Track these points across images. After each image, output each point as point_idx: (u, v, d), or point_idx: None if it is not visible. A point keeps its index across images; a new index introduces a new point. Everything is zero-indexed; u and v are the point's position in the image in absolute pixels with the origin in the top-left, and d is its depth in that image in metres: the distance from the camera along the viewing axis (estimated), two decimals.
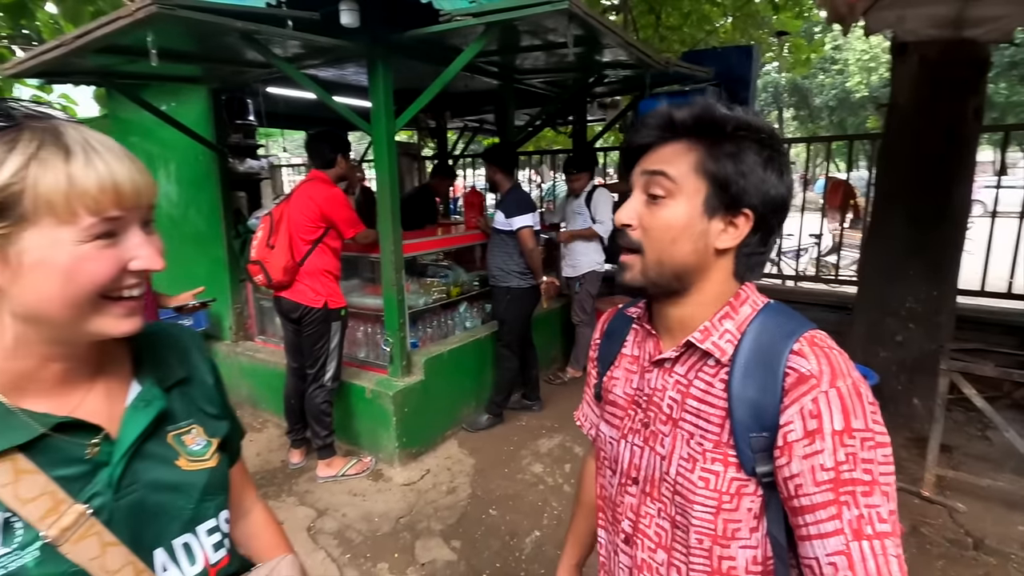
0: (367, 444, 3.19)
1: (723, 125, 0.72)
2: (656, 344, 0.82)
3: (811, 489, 0.65)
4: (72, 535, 0.57)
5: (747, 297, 0.77)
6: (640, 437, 0.81)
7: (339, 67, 3.54)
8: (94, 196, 0.54)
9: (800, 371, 0.67)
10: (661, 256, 0.73)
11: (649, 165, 0.75)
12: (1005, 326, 3.91)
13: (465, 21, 2.39)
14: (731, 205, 0.72)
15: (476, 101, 5.08)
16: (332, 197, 2.86)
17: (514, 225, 3.37)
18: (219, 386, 0.79)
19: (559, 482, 3.00)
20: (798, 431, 0.65)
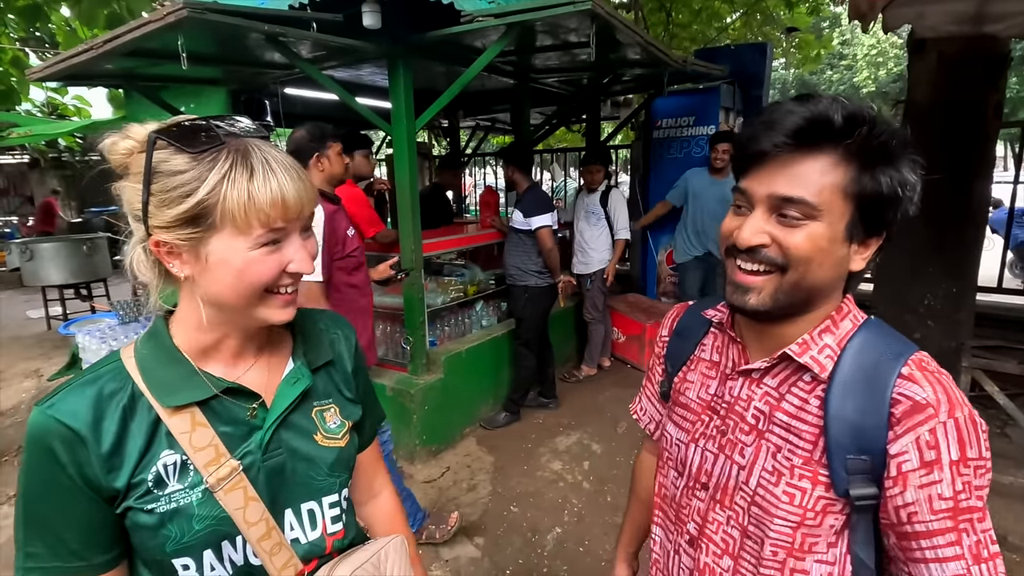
0: None
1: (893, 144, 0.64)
2: (741, 352, 0.79)
3: (927, 517, 0.64)
4: (225, 484, 0.67)
5: (848, 311, 0.73)
6: (714, 444, 0.79)
7: (356, 68, 3.57)
8: (266, 211, 0.64)
9: (915, 399, 0.64)
10: (803, 279, 0.67)
11: (782, 189, 0.65)
12: (1018, 321, 3.90)
13: (487, 22, 2.41)
14: (874, 229, 0.68)
15: (489, 100, 5.09)
16: (353, 196, 2.89)
17: (533, 224, 3.39)
18: (358, 374, 0.87)
19: (578, 479, 3.01)
20: (914, 461, 0.63)
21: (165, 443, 0.66)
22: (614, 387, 4.14)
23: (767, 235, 0.67)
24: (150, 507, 0.64)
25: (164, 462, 0.66)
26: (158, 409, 0.66)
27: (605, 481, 2.99)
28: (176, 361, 0.69)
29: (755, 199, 0.68)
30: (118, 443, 0.64)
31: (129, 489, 0.65)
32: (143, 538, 0.65)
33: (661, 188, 4.72)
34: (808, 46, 8.17)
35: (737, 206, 0.73)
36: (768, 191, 0.67)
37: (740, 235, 0.69)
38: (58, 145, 10.11)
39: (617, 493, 2.88)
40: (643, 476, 1.09)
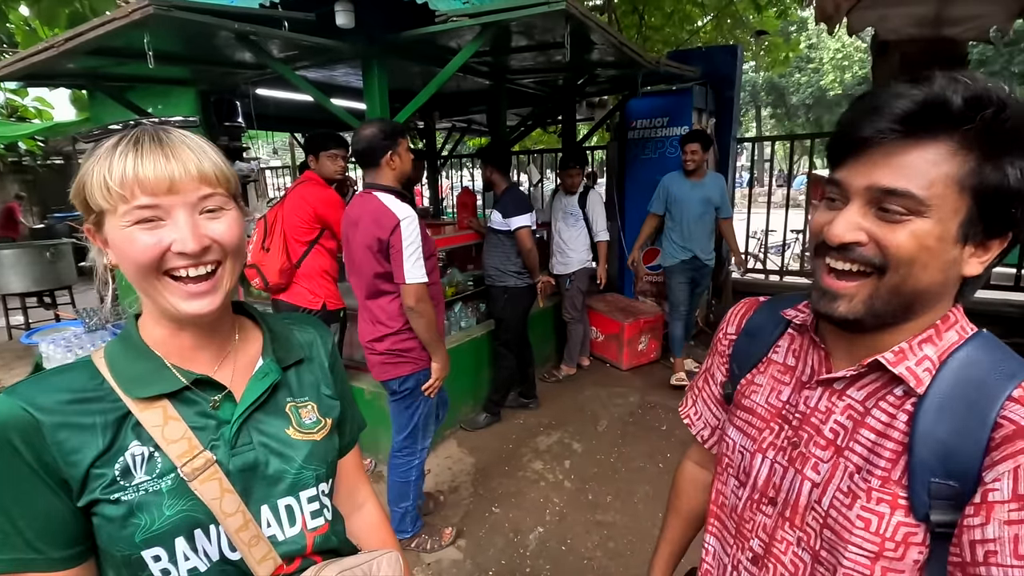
0: (367, 446, 3.18)
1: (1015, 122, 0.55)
2: (823, 360, 0.71)
3: (1008, 560, 0.53)
4: (200, 475, 0.67)
5: (955, 321, 0.64)
6: (784, 456, 0.72)
7: (329, 68, 3.53)
8: (116, 187, 0.63)
9: (1021, 423, 0.55)
10: (904, 284, 0.59)
11: (885, 180, 0.57)
12: (988, 316, 4.04)
13: (461, 22, 2.41)
14: (994, 230, 0.59)
15: (465, 101, 5.09)
16: (326, 198, 2.85)
17: (512, 225, 3.38)
18: (335, 373, 0.87)
19: (559, 478, 3.02)
20: (1005, 492, 0.54)
21: (133, 435, 0.66)
22: (594, 386, 4.17)
23: (863, 232, 0.60)
24: (116, 496, 0.64)
25: (132, 453, 0.66)
26: (128, 403, 0.66)
27: (586, 480, 3.00)
28: (145, 356, 0.70)
29: (852, 191, 0.60)
30: (81, 433, 0.64)
31: (91, 480, 0.64)
32: (111, 531, 0.64)
33: (636, 188, 4.77)
34: (777, 49, 8.35)
35: (830, 199, 0.64)
36: (868, 182, 0.59)
37: (832, 230, 0.61)
38: (18, 149, 9.76)
39: (598, 491, 2.90)
40: (686, 489, 1.00)
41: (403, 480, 2.38)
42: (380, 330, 2.18)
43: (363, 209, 2.09)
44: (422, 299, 2.05)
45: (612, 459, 3.20)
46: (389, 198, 2.07)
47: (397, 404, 2.31)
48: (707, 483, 0.95)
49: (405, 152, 2.17)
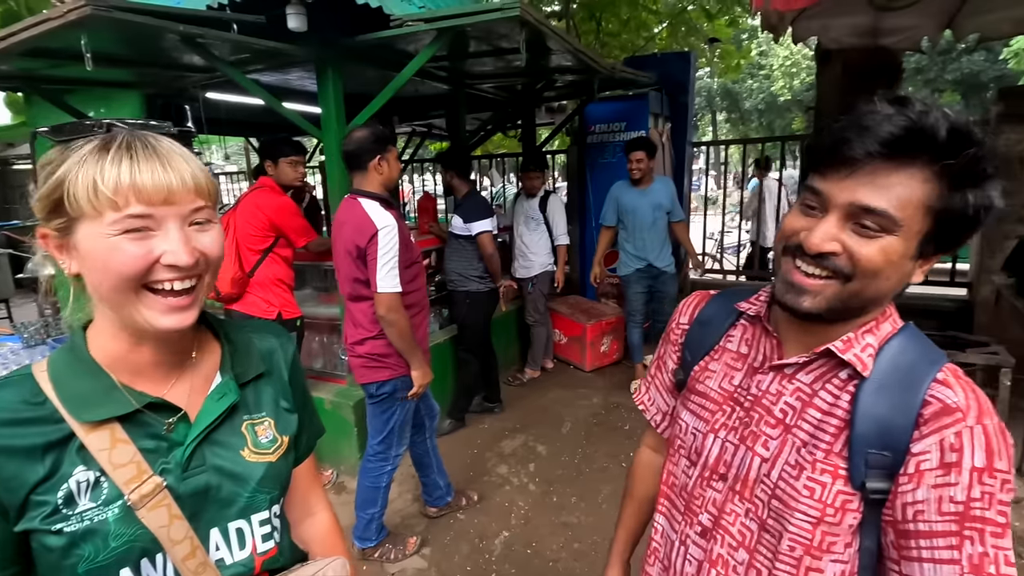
0: (328, 457, 3.11)
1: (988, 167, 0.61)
2: (775, 347, 0.78)
3: (933, 517, 0.63)
4: (149, 502, 0.64)
5: (890, 315, 0.73)
6: (736, 435, 0.78)
7: (283, 72, 3.45)
8: (109, 194, 0.60)
9: (945, 402, 0.64)
10: (865, 289, 0.66)
11: (866, 199, 0.62)
12: (925, 310, 4.26)
13: (417, 26, 2.39)
14: (942, 249, 0.66)
15: (425, 106, 5.06)
16: (281, 206, 2.79)
17: (473, 230, 3.37)
18: (295, 384, 0.84)
19: (524, 481, 3.03)
20: (933, 461, 0.63)
21: (78, 460, 0.63)
22: (557, 388, 4.19)
23: (839, 243, 0.64)
24: (59, 527, 0.61)
25: (77, 479, 0.62)
26: (72, 425, 0.63)
27: (551, 482, 3.02)
28: (93, 374, 0.66)
29: (832, 204, 0.65)
30: (19, 458, 0.61)
31: (30, 507, 0.61)
32: (52, 561, 0.61)
33: (597, 192, 4.84)
34: (729, 56, 8.62)
35: (807, 205, 0.68)
36: (850, 199, 0.63)
37: (811, 239, 0.66)
38: None
39: (563, 493, 2.92)
40: (641, 474, 1.06)
41: (373, 485, 2.36)
42: (360, 333, 2.19)
43: (346, 214, 2.12)
44: (393, 309, 2.06)
45: (576, 460, 3.22)
46: (372, 205, 2.08)
47: (374, 408, 2.31)
48: (661, 467, 0.99)
49: (394, 160, 2.18)
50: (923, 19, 3.24)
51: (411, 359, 2.19)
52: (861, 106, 0.65)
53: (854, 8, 3.15)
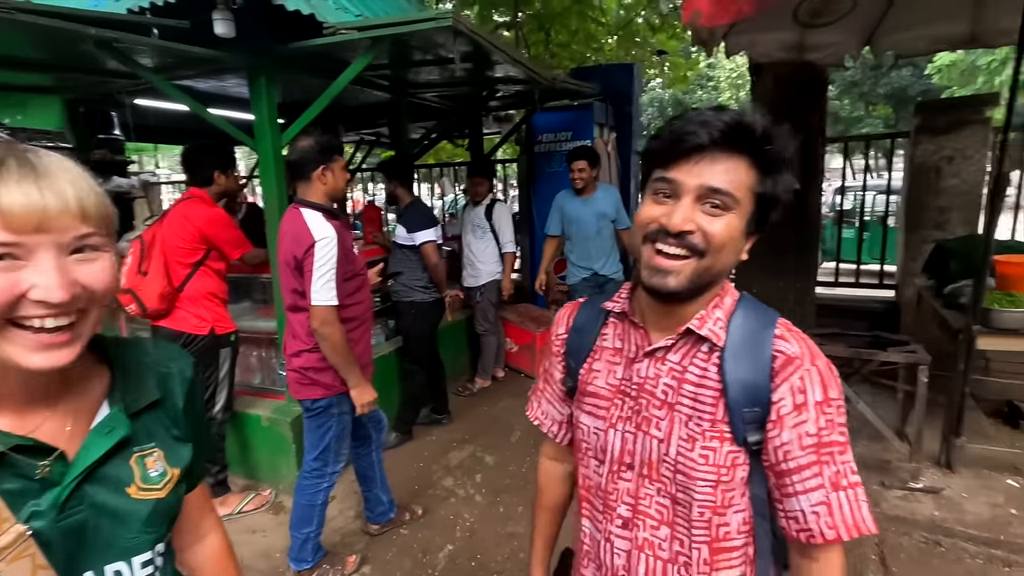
0: (266, 476, 3.00)
1: (786, 159, 0.75)
2: (644, 336, 0.85)
3: (797, 453, 0.75)
4: (9, 554, 0.57)
5: (729, 289, 0.84)
6: (631, 424, 0.84)
7: (219, 79, 3.35)
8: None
9: (787, 353, 0.76)
10: (715, 263, 0.75)
11: (713, 181, 0.73)
12: (858, 311, 4.47)
13: (350, 35, 2.36)
14: (760, 227, 0.79)
15: (371, 114, 4.99)
16: (213, 217, 2.68)
17: (417, 240, 3.34)
18: (189, 411, 0.77)
19: (470, 493, 2.99)
20: (788, 405, 0.75)
21: None
22: (508, 397, 4.18)
23: (694, 223, 0.74)
24: None
25: None
26: None
27: (498, 492, 3.00)
28: None
29: (684, 189, 0.75)
30: None
31: None
32: None
33: (545, 201, 4.87)
34: (677, 68, 8.87)
35: (658, 194, 0.77)
36: (699, 182, 0.74)
37: (672, 220, 0.74)
38: None
39: (510, 503, 2.90)
40: (546, 484, 1.09)
41: (309, 503, 2.28)
42: (297, 345, 2.15)
43: (287, 224, 2.09)
44: (328, 322, 2.02)
45: (524, 469, 3.21)
46: (314, 216, 2.03)
47: (309, 422, 2.25)
48: (563, 474, 1.07)
49: (340, 170, 2.14)
50: (844, 36, 3.41)
51: (347, 375, 2.13)
52: (693, 112, 0.76)
53: (781, 25, 3.29)
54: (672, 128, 0.76)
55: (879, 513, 2.59)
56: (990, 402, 3.73)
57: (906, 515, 2.55)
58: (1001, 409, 3.65)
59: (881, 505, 2.63)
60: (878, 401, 3.56)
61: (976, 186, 3.91)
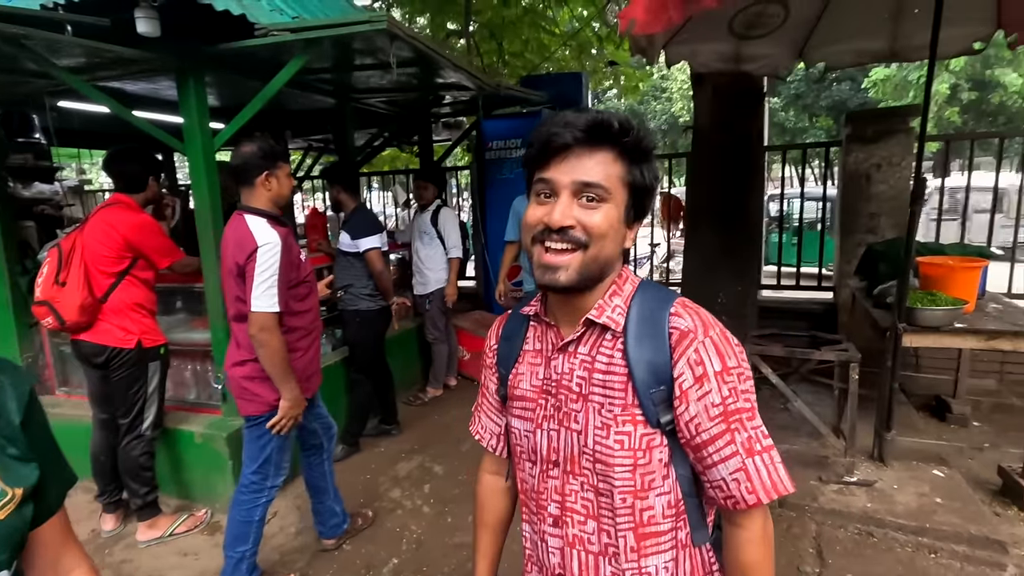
0: (200, 495, 2.86)
1: (649, 148, 0.81)
2: (557, 333, 0.88)
3: (707, 425, 0.77)
4: None
5: (627, 276, 0.87)
6: (555, 422, 0.86)
7: (150, 80, 3.21)
8: None
9: (681, 328, 0.78)
10: (600, 252, 0.79)
11: (583, 176, 0.77)
12: (799, 312, 4.63)
13: (282, 36, 2.30)
14: (638, 213, 0.84)
15: (320, 120, 4.89)
16: (140, 224, 2.56)
17: (361, 247, 3.28)
18: (30, 427, 0.71)
19: (418, 504, 2.93)
20: (689, 379, 0.77)
21: None
22: (460, 406, 4.14)
23: (574, 219, 0.77)
24: None
25: None
26: None
27: (446, 502, 2.94)
28: None
29: (560, 186, 0.78)
30: None
31: None
32: None
33: (496, 208, 4.88)
34: (629, 78, 9.07)
35: (540, 195, 0.81)
36: (572, 178, 0.78)
37: (553, 217, 0.77)
38: None
39: (458, 513, 2.85)
40: (487, 499, 1.08)
41: (245, 520, 2.20)
42: (241, 354, 2.10)
43: (230, 231, 2.06)
44: (266, 329, 1.98)
45: (474, 479, 3.17)
46: (258, 222, 2.02)
47: (250, 432, 2.18)
48: (503, 488, 1.07)
49: (285, 177, 2.11)
50: (778, 48, 3.54)
51: (282, 385, 2.07)
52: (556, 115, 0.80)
53: (718, 36, 3.39)
54: (541, 133, 0.80)
55: (817, 507, 2.67)
56: (920, 396, 3.93)
57: (841, 508, 2.64)
58: (930, 403, 3.84)
59: (819, 499, 2.71)
60: (818, 399, 3.69)
61: (903, 192, 4.11)
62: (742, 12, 3.15)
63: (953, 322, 2.70)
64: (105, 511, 2.74)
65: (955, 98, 17.35)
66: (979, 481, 2.89)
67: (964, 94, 17.21)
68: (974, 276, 2.89)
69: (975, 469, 3.00)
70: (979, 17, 2.91)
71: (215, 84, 3.54)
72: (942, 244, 3.53)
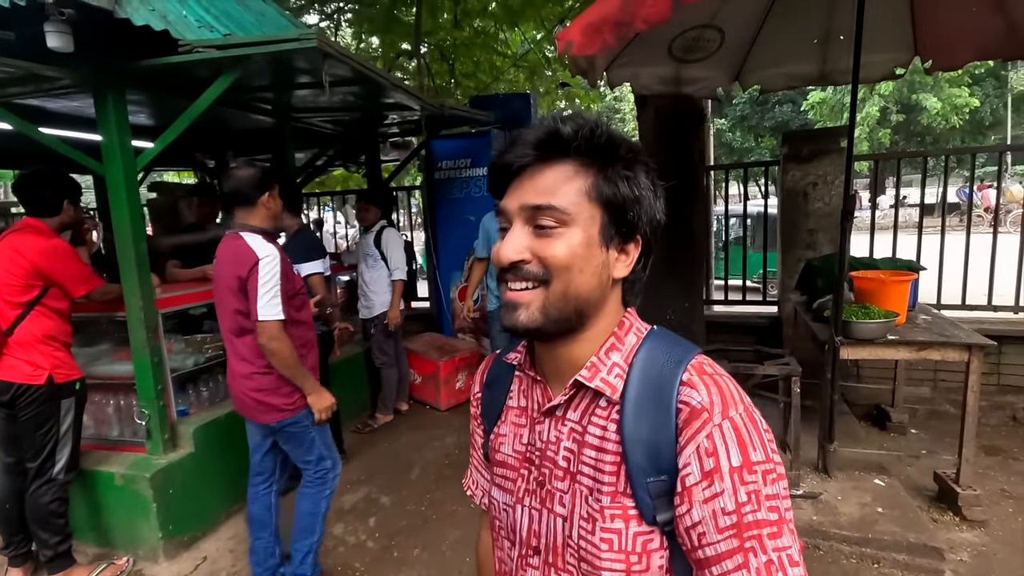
0: (122, 541, 2.64)
1: (618, 146, 0.65)
2: (544, 391, 0.72)
3: (715, 537, 0.58)
4: None
5: (631, 325, 0.70)
6: (536, 499, 0.71)
7: (70, 98, 3.03)
8: None
9: (692, 404, 0.60)
10: (568, 289, 0.64)
11: (531, 199, 0.64)
12: (746, 327, 4.73)
13: (208, 53, 2.21)
14: (627, 233, 0.66)
15: (262, 139, 4.75)
16: (52, 249, 2.38)
17: (302, 272, 3.14)
18: None
19: (362, 539, 2.79)
20: (696, 473, 0.59)
21: None
22: (410, 431, 4.01)
23: (528, 250, 0.64)
24: None
25: None
26: None
27: (393, 535, 2.82)
28: None
29: (511, 214, 0.66)
30: None
31: None
32: None
33: (446, 227, 4.83)
34: (581, 99, 9.25)
35: (502, 229, 0.69)
36: (520, 203, 0.65)
37: (500, 253, 0.65)
38: None
39: (405, 546, 2.73)
40: (486, 559, 0.93)
41: (312, 512, 2.30)
42: (247, 367, 2.15)
43: (226, 251, 2.12)
44: (275, 337, 2.05)
45: (423, 508, 3.06)
46: (255, 238, 2.09)
47: (289, 441, 2.26)
48: None
49: (277, 195, 2.23)
50: (715, 72, 3.66)
51: (303, 385, 2.16)
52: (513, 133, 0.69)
53: (658, 60, 3.47)
54: (493, 157, 0.69)
55: None
56: (861, 406, 4.05)
57: None
58: (871, 412, 3.97)
59: None
60: (765, 413, 3.70)
61: (837, 208, 4.28)
62: (680, 36, 3.24)
63: (886, 334, 2.78)
64: (11, 565, 2.49)
65: (885, 120, 18.53)
66: (917, 488, 2.97)
67: (893, 116, 18.41)
68: (904, 289, 3.00)
69: (914, 476, 3.09)
70: (898, 44, 3.08)
71: (146, 103, 3.40)
72: (875, 258, 3.67)
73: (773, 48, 3.42)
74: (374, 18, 6.56)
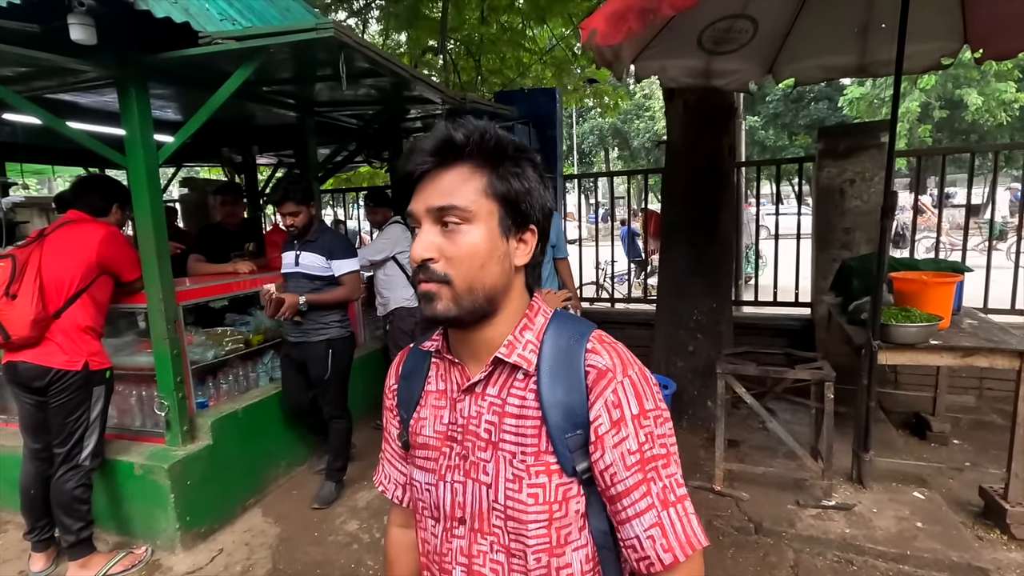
0: (141, 530, 2.67)
1: (505, 147, 0.73)
2: (462, 372, 0.79)
3: (624, 475, 0.70)
4: None
5: (538, 308, 0.79)
6: (460, 472, 0.77)
7: (99, 93, 3.08)
8: None
9: (598, 367, 0.72)
10: (472, 283, 0.71)
11: (435, 201, 0.71)
12: (776, 329, 4.56)
13: (227, 45, 2.20)
14: (521, 223, 0.74)
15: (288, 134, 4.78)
16: (111, 235, 2.53)
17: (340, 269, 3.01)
18: None
19: (376, 537, 2.76)
20: (606, 423, 0.70)
21: None
22: None
23: (437, 248, 0.71)
24: None
25: None
26: None
27: None
28: None
29: (419, 216, 0.72)
30: None
31: None
32: None
33: None
34: (610, 97, 9.09)
35: (412, 229, 0.75)
36: (426, 205, 0.71)
37: (413, 251, 0.72)
38: None
39: None
40: (396, 555, 0.98)
41: None
42: None
43: None
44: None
45: None
46: None
47: None
48: (413, 543, 0.94)
49: None
50: (747, 64, 3.51)
51: None
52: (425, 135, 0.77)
53: (687, 51, 3.35)
54: (399, 165, 0.76)
55: (794, 534, 2.55)
56: (899, 414, 3.86)
57: (819, 534, 2.52)
58: (909, 420, 3.77)
59: (796, 525, 2.60)
60: (797, 418, 3.60)
61: (876, 206, 4.08)
62: (711, 27, 3.11)
63: (928, 339, 2.62)
64: (34, 550, 2.54)
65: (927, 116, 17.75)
66: (960, 503, 2.80)
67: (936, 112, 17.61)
68: (948, 291, 2.83)
69: (956, 490, 2.91)
70: (945, 32, 2.90)
71: (173, 98, 3.43)
72: (916, 259, 3.48)
73: (810, 38, 3.26)
74: (400, 14, 6.57)
